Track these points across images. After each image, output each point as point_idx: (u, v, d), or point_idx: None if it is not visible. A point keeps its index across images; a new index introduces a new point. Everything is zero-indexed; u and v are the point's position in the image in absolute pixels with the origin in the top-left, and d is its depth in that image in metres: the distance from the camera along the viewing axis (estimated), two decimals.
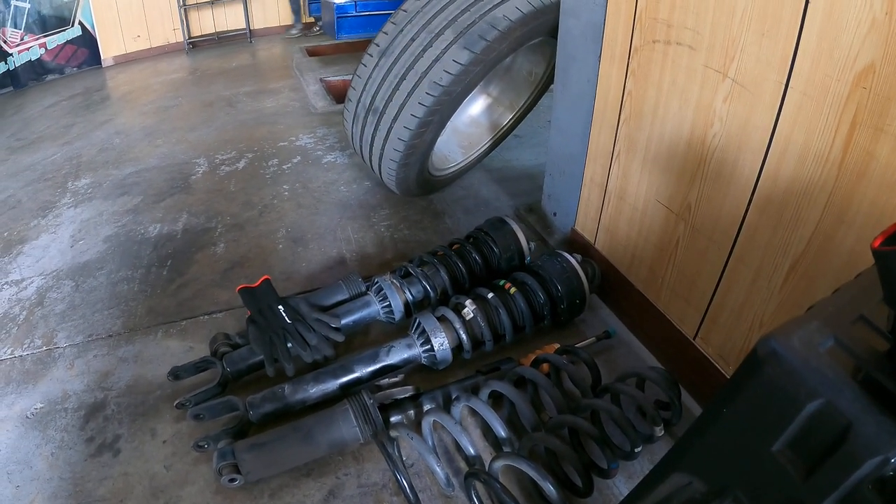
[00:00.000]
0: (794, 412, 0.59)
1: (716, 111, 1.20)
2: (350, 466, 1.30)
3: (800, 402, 0.58)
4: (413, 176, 2.11)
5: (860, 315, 0.64)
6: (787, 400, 0.59)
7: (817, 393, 0.57)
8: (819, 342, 0.60)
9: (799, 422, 0.59)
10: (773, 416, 0.61)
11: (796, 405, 0.58)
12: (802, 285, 1.10)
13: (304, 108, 3.60)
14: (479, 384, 1.38)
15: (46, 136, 3.39)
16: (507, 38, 1.80)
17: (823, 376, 0.57)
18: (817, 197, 1.03)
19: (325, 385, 1.39)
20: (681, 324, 1.45)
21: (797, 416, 0.59)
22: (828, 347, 0.60)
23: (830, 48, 0.95)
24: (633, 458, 1.21)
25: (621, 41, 1.45)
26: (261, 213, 2.37)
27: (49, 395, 1.52)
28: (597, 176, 1.69)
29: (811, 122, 1.01)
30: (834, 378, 0.57)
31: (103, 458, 1.35)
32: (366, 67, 2.00)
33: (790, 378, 0.59)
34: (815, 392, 0.57)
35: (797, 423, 0.59)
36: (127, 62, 5.11)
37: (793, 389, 0.59)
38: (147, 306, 1.84)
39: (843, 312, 0.64)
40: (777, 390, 0.60)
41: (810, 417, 0.58)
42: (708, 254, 1.31)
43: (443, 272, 1.68)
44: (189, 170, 2.80)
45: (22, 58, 4.38)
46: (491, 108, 2.59)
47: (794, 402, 0.58)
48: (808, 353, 0.59)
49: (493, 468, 1.15)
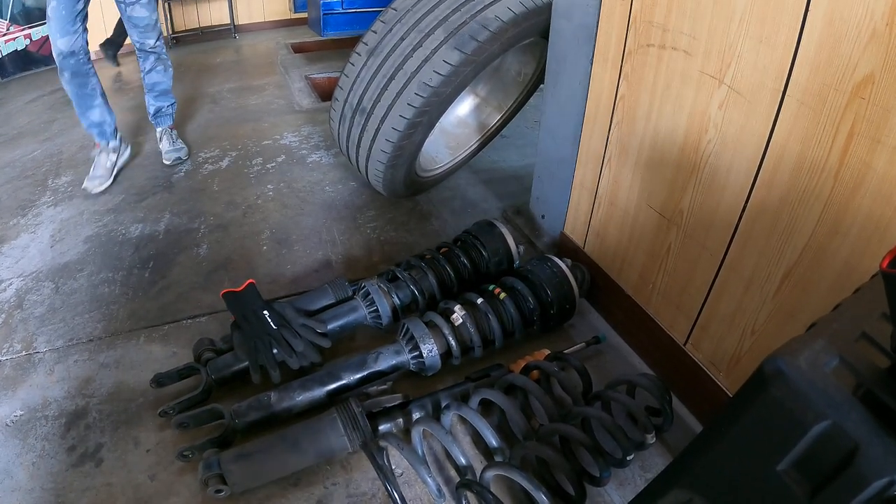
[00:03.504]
0: (801, 433, 0.58)
1: (711, 117, 1.19)
2: (338, 476, 1.28)
3: (807, 423, 0.57)
4: (400, 177, 2.09)
5: (862, 332, 0.63)
6: (794, 420, 0.58)
7: (824, 414, 0.56)
8: (824, 362, 0.60)
9: (805, 442, 0.58)
10: (779, 435, 0.60)
11: (803, 426, 0.58)
12: (795, 294, 1.09)
13: (289, 106, 3.56)
14: (469, 391, 1.37)
15: (27, 131, 3.32)
16: (499, 39, 1.79)
17: (830, 398, 0.57)
18: (812, 206, 1.02)
19: (312, 392, 1.37)
20: (671, 330, 1.44)
21: (803, 437, 0.58)
22: (833, 367, 0.60)
23: (829, 57, 0.94)
24: (625, 465, 1.20)
25: (615, 44, 1.44)
26: (245, 213, 2.33)
27: (29, 402, 1.48)
28: (587, 180, 1.68)
29: (808, 131, 1.00)
30: (841, 400, 0.56)
31: (85, 468, 1.31)
32: (354, 67, 1.97)
33: (797, 399, 0.58)
34: (822, 414, 0.56)
35: (803, 443, 0.58)
36: None
37: (800, 410, 0.58)
38: (129, 310, 1.80)
39: (846, 330, 0.64)
40: (783, 410, 0.59)
41: (816, 438, 0.57)
42: (700, 260, 1.30)
43: (431, 276, 1.66)
44: (171, 168, 2.76)
45: (8, 48, 4.32)
46: (479, 108, 2.57)
47: (800, 423, 0.58)
48: (815, 374, 0.58)
49: (485, 478, 1.14)
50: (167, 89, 2.82)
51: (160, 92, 2.80)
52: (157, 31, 2.61)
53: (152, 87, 2.78)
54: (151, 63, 2.69)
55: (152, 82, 2.75)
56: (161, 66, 2.73)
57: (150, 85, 2.76)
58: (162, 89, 2.80)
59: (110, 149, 2.61)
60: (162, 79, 2.77)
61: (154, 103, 2.84)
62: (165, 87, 2.80)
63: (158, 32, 2.62)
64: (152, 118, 2.88)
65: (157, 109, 2.85)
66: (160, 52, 2.68)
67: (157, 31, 2.60)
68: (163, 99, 2.84)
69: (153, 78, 2.74)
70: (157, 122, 2.89)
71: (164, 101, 2.85)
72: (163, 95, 2.82)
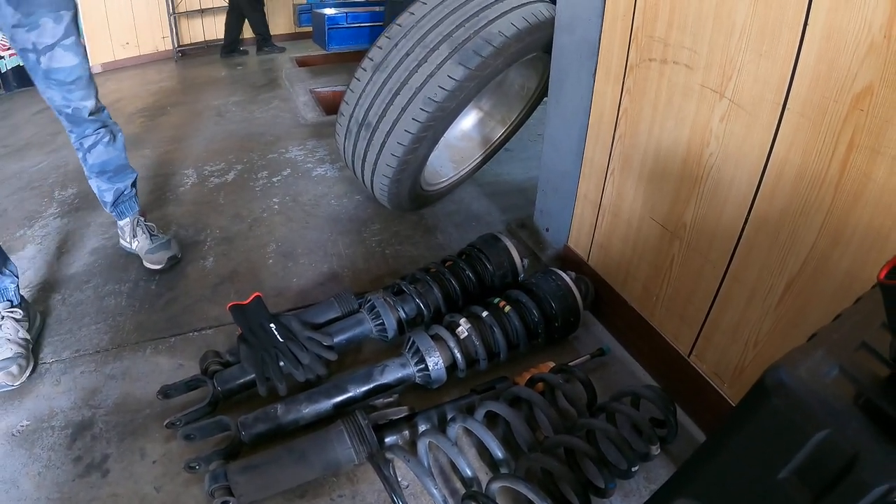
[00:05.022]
0: (802, 441, 0.59)
1: (712, 130, 1.20)
2: (345, 488, 1.28)
3: (807, 431, 0.58)
4: (405, 191, 2.10)
5: (862, 342, 0.64)
6: (795, 429, 0.59)
7: (824, 423, 0.57)
8: (825, 371, 0.61)
9: (806, 451, 0.59)
10: (780, 444, 0.61)
11: (804, 435, 0.59)
12: (797, 305, 1.10)
13: (294, 120, 3.59)
14: (475, 404, 1.37)
15: (33, 143, 3.36)
16: (502, 54, 1.81)
17: (830, 407, 0.58)
18: (813, 218, 1.03)
19: (319, 405, 1.37)
20: (675, 341, 1.44)
21: (804, 445, 0.59)
22: (833, 377, 0.61)
23: (829, 69, 0.95)
24: (629, 476, 1.20)
25: (617, 59, 1.45)
26: (251, 226, 2.35)
27: (35, 412, 1.49)
28: (591, 193, 1.69)
29: (808, 143, 1.01)
30: (841, 409, 0.58)
31: (91, 479, 1.32)
32: (359, 82, 1.99)
33: (798, 408, 0.59)
34: (823, 423, 0.58)
35: (804, 451, 0.59)
36: (115, 69, 5.10)
37: (800, 420, 0.59)
38: (135, 321, 1.81)
39: (846, 340, 0.65)
40: (785, 420, 0.60)
41: (817, 446, 0.58)
42: (703, 272, 1.31)
43: (436, 289, 1.67)
44: (177, 180, 2.78)
45: (12, 61, 4.39)
46: (483, 122, 2.60)
47: (801, 432, 0.59)
48: (815, 384, 0.60)
49: (491, 489, 1.14)
50: (123, 164, 2.04)
51: (114, 171, 2.01)
52: (92, 87, 1.84)
53: (102, 169, 1.98)
54: (92, 135, 1.91)
55: (100, 161, 1.95)
56: (107, 137, 1.94)
57: (97, 166, 1.96)
58: (116, 166, 2.00)
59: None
60: (113, 153, 1.97)
61: (108, 187, 2.03)
62: (120, 161, 2.01)
63: (95, 88, 1.85)
64: (111, 208, 2.08)
65: (118, 195, 2.06)
66: (103, 116, 1.93)
67: (92, 86, 1.83)
68: (121, 178, 2.04)
69: (100, 155, 1.94)
70: (118, 212, 2.09)
71: (123, 180, 2.05)
72: (119, 174, 2.03)
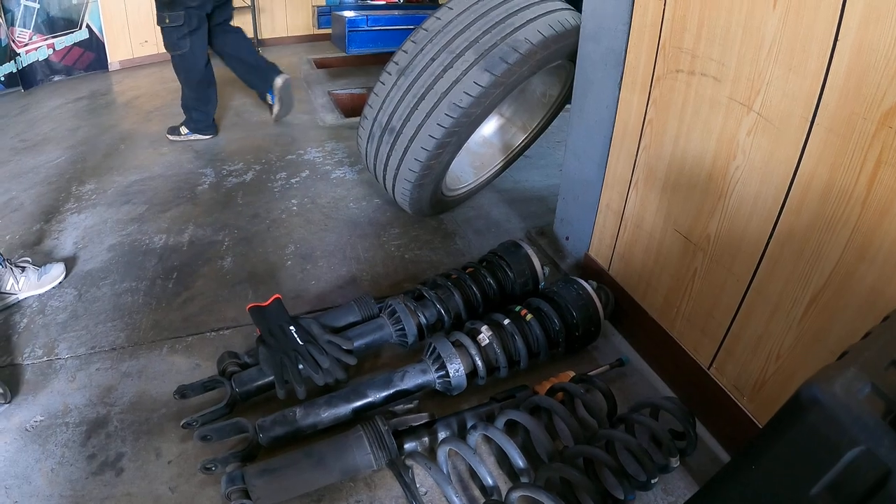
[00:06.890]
0: (835, 458, 0.60)
1: (739, 144, 1.20)
2: (362, 493, 1.28)
3: (841, 448, 0.59)
4: (427, 196, 2.11)
5: (892, 360, 0.65)
6: (829, 446, 0.60)
7: (858, 440, 0.58)
8: (857, 389, 0.61)
9: (839, 467, 0.60)
10: (814, 460, 0.62)
11: (837, 451, 0.60)
12: (821, 320, 1.09)
13: (312, 121, 3.61)
14: (495, 412, 1.37)
15: (51, 138, 3.38)
16: (528, 62, 1.81)
17: (864, 424, 0.58)
18: (840, 233, 1.03)
19: (338, 409, 1.37)
20: (695, 353, 1.44)
21: (838, 462, 0.60)
22: (865, 394, 0.61)
23: (858, 86, 0.95)
24: (648, 488, 1.20)
25: (643, 69, 1.45)
26: (269, 227, 2.36)
27: (49, 407, 1.49)
28: (613, 203, 1.69)
29: (836, 158, 1.01)
30: (873, 426, 0.58)
31: (105, 477, 1.32)
32: (384, 86, 2.00)
33: (832, 425, 0.60)
34: (856, 440, 0.58)
35: (837, 468, 0.60)
36: (133, 67, 5.13)
37: (834, 436, 0.60)
38: (152, 320, 1.82)
39: (877, 358, 0.66)
40: (818, 436, 0.61)
41: (850, 463, 0.59)
42: (726, 285, 1.30)
43: (457, 296, 1.67)
44: (195, 180, 2.80)
45: (30, 57, 4.43)
46: (504, 128, 2.60)
47: (835, 449, 0.60)
48: (849, 401, 0.60)
49: (511, 498, 1.14)
50: None
51: None
52: None
53: None
54: None
55: None
56: None
57: None
58: None
59: None
60: None
61: None
62: None
63: None
64: None
65: None
66: None
67: None
68: None
69: None
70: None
71: None
72: None
